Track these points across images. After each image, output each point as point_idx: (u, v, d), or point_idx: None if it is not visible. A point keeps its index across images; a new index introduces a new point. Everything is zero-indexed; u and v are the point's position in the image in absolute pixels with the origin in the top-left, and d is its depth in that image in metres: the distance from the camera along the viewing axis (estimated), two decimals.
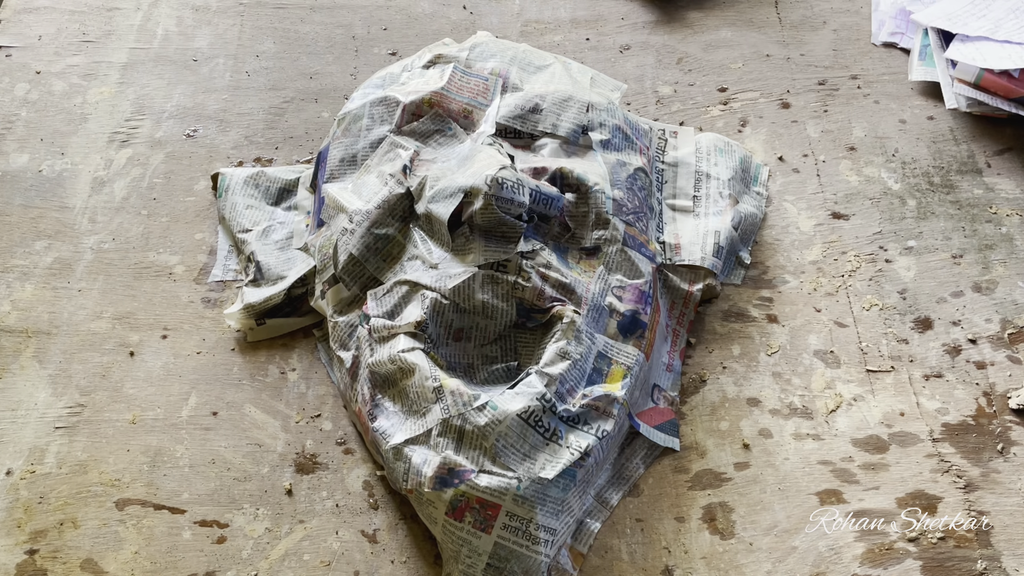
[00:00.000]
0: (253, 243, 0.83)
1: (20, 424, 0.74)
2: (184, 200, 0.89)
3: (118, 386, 0.76)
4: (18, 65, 1.01)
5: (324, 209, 0.81)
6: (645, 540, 0.69)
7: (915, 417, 0.75)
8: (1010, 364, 0.77)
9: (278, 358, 0.79)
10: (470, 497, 0.64)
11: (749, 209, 0.86)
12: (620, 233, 0.76)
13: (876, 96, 0.98)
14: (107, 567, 0.67)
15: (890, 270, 0.84)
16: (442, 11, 1.08)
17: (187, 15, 1.07)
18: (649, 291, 0.75)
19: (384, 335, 0.71)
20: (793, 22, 1.06)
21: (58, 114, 0.96)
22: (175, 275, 0.84)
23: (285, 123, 0.96)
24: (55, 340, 0.79)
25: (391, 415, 0.69)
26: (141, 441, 0.73)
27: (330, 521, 0.70)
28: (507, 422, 0.65)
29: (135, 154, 0.93)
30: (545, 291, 0.72)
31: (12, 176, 0.91)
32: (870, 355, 0.78)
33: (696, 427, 0.75)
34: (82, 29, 1.05)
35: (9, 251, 0.85)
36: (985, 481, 0.71)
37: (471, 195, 0.73)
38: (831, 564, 0.67)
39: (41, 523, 0.69)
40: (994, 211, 0.88)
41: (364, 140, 0.83)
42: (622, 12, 1.08)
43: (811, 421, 0.75)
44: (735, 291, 0.83)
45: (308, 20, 1.07)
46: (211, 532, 0.69)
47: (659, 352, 0.77)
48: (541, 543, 0.64)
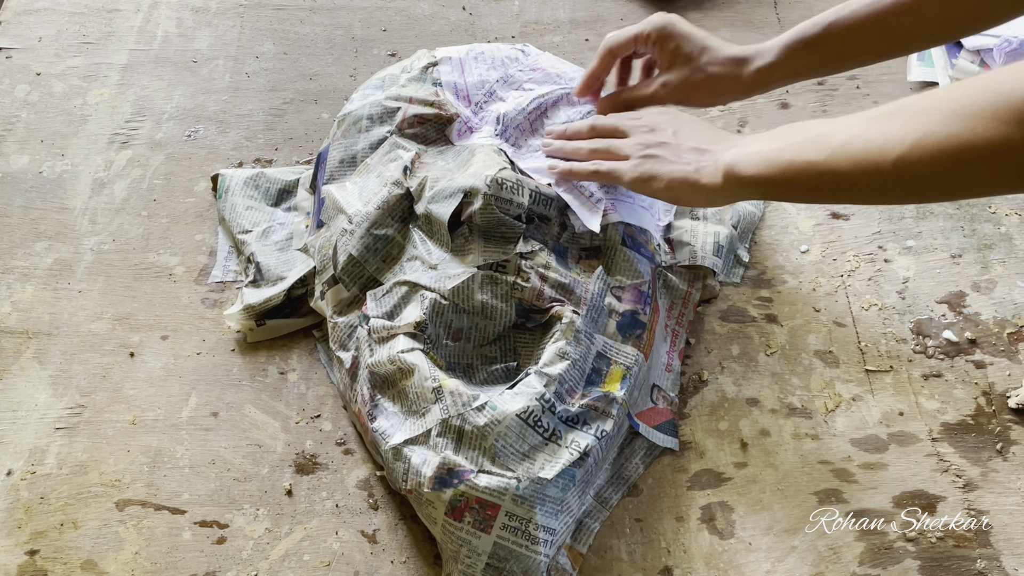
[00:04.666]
0: (253, 244, 0.83)
1: (21, 425, 0.74)
2: (184, 201, 0.89)
3: (118, 387, 0.77)
4: (18, 67, 1.01)
5: (324, 210, 0.81)
6: (644, 540, 0.69)
7: (914, 417, 0.75)
8: (1009, 364, 0.77)
9: (278, 359, 0.79)
10: (469, 497, 0.64)
11: (748, 207, 0.86)
12: (619, 233, 0.76)
13: (875, 96, 0.98)
14: (107, 567, 0.67)
15: (889, 270, 0.84)
16: (441, 12, 1.08)
17: (187, 16, 1.07)
18: (648, 291, 0.75)
19: (383, 336, 0.71)
20: (792, 23, 1.06)
21: (58, 115, 0.97)
22: (175, 276, 0.84)
23: (285, 124, 0.96)
24: (55, 341, 0.79)
25: (390, 415, 0.69)
26: (141, 442, 0.74)
27: (330, 521, 0.70)
28: (506, 422, 0.66)
29: (135, 155, 0.93)
30: (544, 291, 0.72)
31: (12, 177, 0.91)
32: (869, 355, 0.78)
33: (695, 427, 0.75)
34: (82, 31, 1.05)
35: (10, 252, 0.85)
36: (984, 481, 0.71)
37: (471, 195, 0.73)
38: (830, 564, 0.67)
39: (41, 524, 0.69)
40: (993, 211, 0.88)
41: (364, 141, 0.83)
42: (621, 13, 1.08)
43: (810, 421, 0.75)
44: (734, 291, 0.83)
45: (308, 21, 1.07)
46: (211, 532, 0.69)
47: (658, 352, 0.77)
48: (540, 543, 0.65)
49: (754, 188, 0.63)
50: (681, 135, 0.70)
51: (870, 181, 0.56)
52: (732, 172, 0.64)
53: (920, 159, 0.53)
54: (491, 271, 0.72)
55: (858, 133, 0.56)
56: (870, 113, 0.57)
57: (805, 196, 0.64)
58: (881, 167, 0.55)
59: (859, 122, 0.57)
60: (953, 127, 0.51)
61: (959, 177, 0.53)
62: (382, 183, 0.78)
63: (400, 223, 0.77)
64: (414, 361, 0.69)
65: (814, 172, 0.59)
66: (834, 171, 0.57)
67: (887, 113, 0.56)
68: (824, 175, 0.58)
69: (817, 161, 0.58)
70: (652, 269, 0.77)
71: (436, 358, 0.70)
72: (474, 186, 0.73)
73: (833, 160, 0.57)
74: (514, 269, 0.72)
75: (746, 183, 0.63)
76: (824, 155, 0.58)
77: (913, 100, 0.55)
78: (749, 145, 0.65)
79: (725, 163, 0.65)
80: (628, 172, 0.70)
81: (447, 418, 0.66)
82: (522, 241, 0.73)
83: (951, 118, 0.51)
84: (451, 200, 0.73)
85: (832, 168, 0.57)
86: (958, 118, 0.51)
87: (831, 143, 0.58)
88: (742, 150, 0.64)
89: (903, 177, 0.54)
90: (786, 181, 0.61)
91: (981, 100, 0.50)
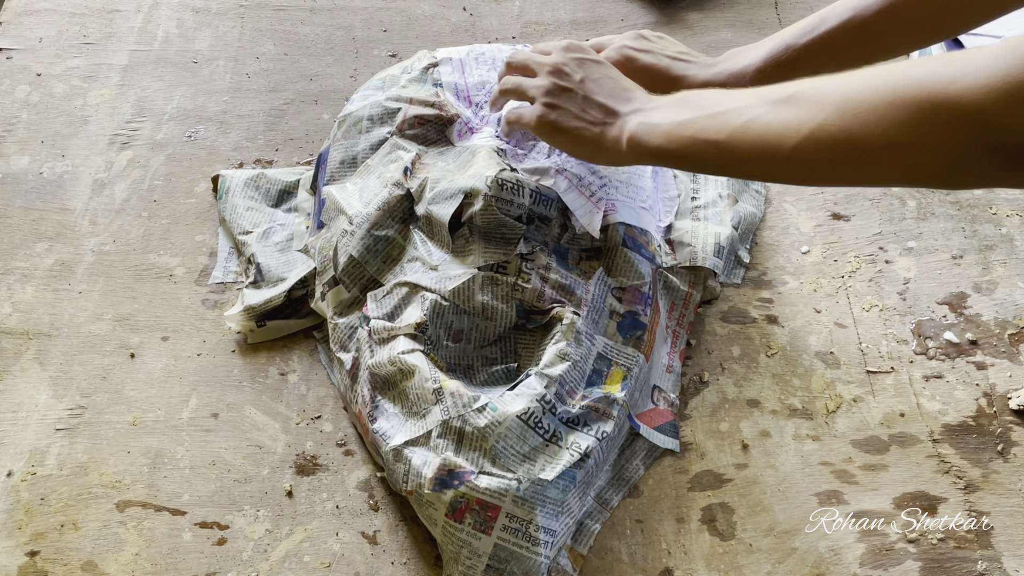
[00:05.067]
0: (253, 245, 0.83)
1: (21, 426, 0.74)
2: (184, 202, 0.89)
3: (119, 388, 0.77)
4: (19, 67, 1.01)
5: (324, 211, 0.81)
6: (645, 541, 0.69)
7: (915, 418, 0.75)
8: (1010, 365, 0.77)
9: (278, 360, 0.79)
10: (470, 498, 0.64)
11: (748, 208, 0.86)
12: (620, 234, 0.76)
13: None
14: (108, 569, 0.67)
15: (890, 271, 0.84)
16: (442, 12, 1.08)
17: (187, 17, 1.07)
18: (649, 292, 0.75)
19: (384, 337, 0.71)
20: (793, 23, 1.06)
21: (59, 116, 0.97)
22: (175, 277, 0.84)
23: (285, 125, 0.96)
24: (56, 342, 0.79)
25: (391, 417, 0.69)
26: (142, 443, 0.73)
27: (330, 522, 0.70)
28: (507, 423, 0.66)
29: (136, 156, 0.93)
30: (545, 292, 0.72)
31: (13, 178, 0.91)
32: (870, 356, 0.78)
33: (696, 428, 0.75)
34: (83, 31, 1.05)
35: (10, 253, 0.85)
36: (985, 482, 0.71)
37: (471, 196, 0.73)
38: (831, 565, 0.67)
39: (42, 525, 0.69)
40: (994, 212, 0.88)
41: (364, 142, 0.83)
42: (622, 13, 1.08)
43: (811, 422, 0.75)
44: (735, 292, 0.83)
45: (308, 22, 1.07)
46: (211, 534, 0.69)
47: (659, 353, 0.77)
48: (541, 544, 0.64)
49: (657, 158, 0.66)
50: (588, 84, 0.70)
51: (767, 164, 0.58)
52: (635, 141, 0.66)
53: (815, 150, 0.54)
54: (492, 272, 0.72)
55: (757, 115, 0.58)
56: (770, 92, 0.59)
57: (705, 169, 0.66)
58: (778, 154, 0.56)
59: (758, 103, 0.59)
60: (846, 121, 0.52)
61: (852, 170, 0.54)
62: (383, 184, 0.78)
63: (401, 224, 0.77)
64: (414, 362, 0.68)
65: (714, 150, 0.61)
66: (733, 151, 0.59)
67: (786, 96, 0.57)
68: (724, 154, 0.60)
69: (718, 140, 0.60)
70: (653, 270, 0.77)
71: (437, 359, 0.70)
72: (475, 187, 0.73)
73: (732, 141, 0.59)
74: (515, 270, 0.72)
75: (649, 153, 0.65)
76: (724, 135, 0.60)
77: (811, 85, 0.56)
78: (652, 113, 0.66)
79: (629, 131, 0.66)
80: (532, 117, 0.71)
81: (448, 419, 0.66)
82: (523, 242, 0.73)
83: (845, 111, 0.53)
84: (452, 201, 0.73)
85: (731, 149, 0.59)
86: (851, 112, 0.52)
87: (732, 122, 0.59)
88: (646, 120, 0.66)
89: (799, 164, 0.56)
90: (687, 155, 0.63)
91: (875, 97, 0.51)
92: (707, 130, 0.61)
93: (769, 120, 0.57)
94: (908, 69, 0.50)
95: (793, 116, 0.56)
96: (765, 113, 0.58)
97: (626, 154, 0.67)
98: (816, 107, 0.55)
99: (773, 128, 0.57)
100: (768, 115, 0.57)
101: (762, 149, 0.58)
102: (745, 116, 0.59)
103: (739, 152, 0.59)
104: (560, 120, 0.69)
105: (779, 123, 0.56)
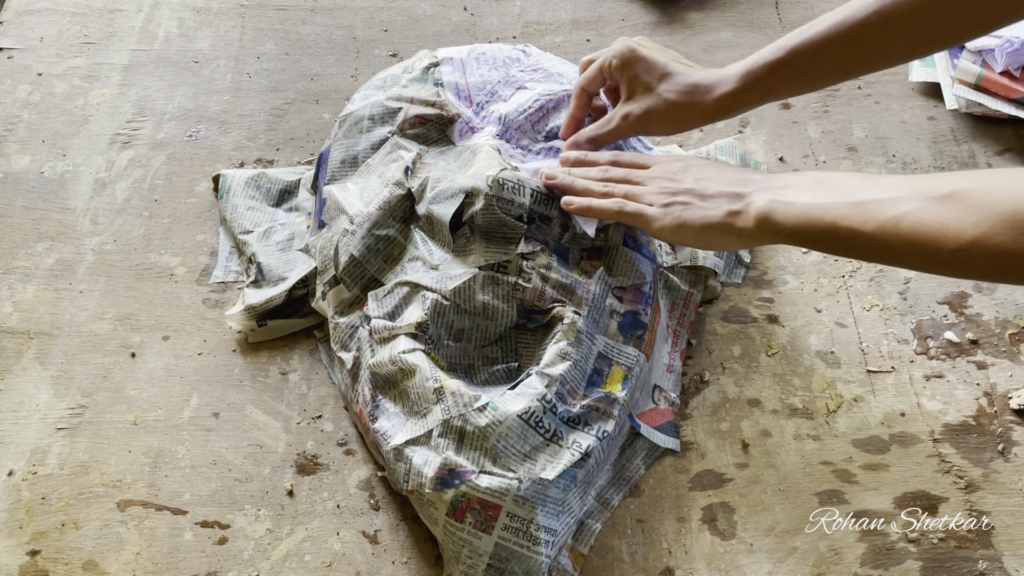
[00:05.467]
0: (254, 244, 0.83)
1: (22, 425, 0.74)
2: (185, 202, 0.90)
3: (120, 387, 0.77)
4: (20, 67, 1.01)
5: (325, 210, 0.81)
6: (646, 541, 0.69)
7: (916, 418, 0.75)
8: (1011, 364, 0.77)
9: (279, 359, 0.79)
10: (471, 498, 0.64)
11: None
12: (620, 234, 0.76)
13: (877, 96, 0.98)
14: (109, 568, 0.67)
15: (890, 270, 0.84)
16: (443, 12, 1.08)
17: (188, 17, 1.07)
18: (649, 292, 0.75)
19: (385, 336, 0.71)
20: (794, 23, 1.06)
21: (60, 116, 0.97)
22: (176, 276, 0.84)
23: (286, 124, 0.96)
24: (57, 341, 0.79)
25: (392, 416, 0.69)
26: (142, 442, 0.74)
27: (331, 522, 0.70)
28: (508, 423, 0.66)
29: (136, 155, 0.93)
30: (546, 292, 0.72)
31: (14, 178, 0.91)
32: (871, 355, 0.78)
33: (697, 428, 0.75)
34: (83, 31, 1.05)
35: (11, 252, 0.85)
36: (986, 481, 0.71)
37: (472, 196, 0.73)
38: (832, 564, 0.67)
39: (43, 524, 0.69)
40: None
41: (365, 142, 0.83)
42: (622, 13, 1.08)
43: (812, 422, 0.75)
44: (736, 292, 0.83)
45: (309, 21, 1.07)
46: (212, 533, 0.69)
47: (660, 353, 0.77)
48: (542, 544, 0.65)
49: (790, 238, 0.63)
50: (703, 181, 0.69)
51: (919, 262, 0.57)
52: (767, 220, 0.64)
53: (976, 258, 0.53)
54: (492, 272, 0.72)
55: (909, 211, 0.56)
56: (923, 186, 0.57)
57: (843, 253, 0.63)
58: (935, 256, 0.55)
59: (908, 195, 0.57)
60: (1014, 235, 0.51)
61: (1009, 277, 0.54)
62: (383, 183, 0.78)
63: (401, 223, 0.77)
64: (415, 361, 0.69)
65: (860, 240, 0.59)
66: (883, 244, 0.57)
67: (943, 195, 0.55)
68: (871, 244, 0.58)
69: (864, 232, 0.58)
70: (653, 270, 0.77)
71: (437, 358, 0.70)
72: (475, 187, 0.73)
73: (881, 234, 0.57)
74: (515, 270, 0.72)
75: (781, 232, 0.63)
76: (872, 227, 0.58)
77: (972, 186, 0.54)
78: (783, 193, 0.64)
79: (759, 209, 0.64)
80: (657, 219, 0.69)
81: (448, 419, 0.66)
82: (523, 242, 0.73)
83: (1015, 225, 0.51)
84: (453, 201, 0.73)
85: (881, 242, 0.58)
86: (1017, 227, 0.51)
87: (879, 215, 0.57)
88: (776, 198, 0.64)
89: (953, 266, 0.55)
90: (826, 239, 0.61)
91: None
92: (849, 218, 0.59)
93: (924, 219, 0.55)
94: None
95: (952, 218, 0.54)
96: (919, 210, 0.55)
97: (755, 232, 0.64)
98: (980, 214, 0.52)
99: (929, 228, 0.54)
100: (922, 212, 0.55)
101: (915, 248, 0.55)
102: (895, 210, 0.56)
103: (890, 246, 0.57)
104: (684, 215, 0.67)
105: (935, 223, 0.54)
